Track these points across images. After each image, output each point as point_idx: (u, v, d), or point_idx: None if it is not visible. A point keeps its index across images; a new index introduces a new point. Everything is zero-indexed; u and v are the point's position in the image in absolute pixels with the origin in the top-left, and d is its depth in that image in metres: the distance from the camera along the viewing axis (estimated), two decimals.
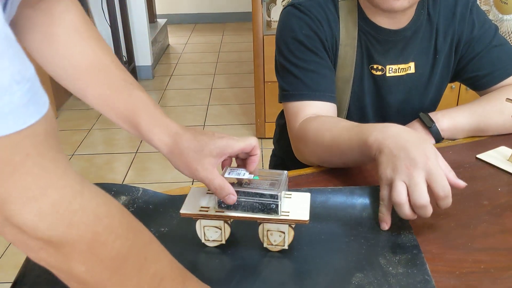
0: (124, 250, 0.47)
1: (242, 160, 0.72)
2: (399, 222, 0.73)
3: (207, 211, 0.68)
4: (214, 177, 0.65)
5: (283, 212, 0.66)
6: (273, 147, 1.36)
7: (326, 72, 0.98)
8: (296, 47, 0.98)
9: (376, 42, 1.00)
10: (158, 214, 0.76)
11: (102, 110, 0.71)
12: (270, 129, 2.63)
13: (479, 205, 0.78)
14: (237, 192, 0.65)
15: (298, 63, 0.98)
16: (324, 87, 0.97)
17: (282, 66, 1.01)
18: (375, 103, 1.06)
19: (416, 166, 0.68)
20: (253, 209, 0.66)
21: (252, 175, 0.68)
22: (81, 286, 0.46)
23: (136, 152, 2.72)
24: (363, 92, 1.04)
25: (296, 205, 0.68)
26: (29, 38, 0.67)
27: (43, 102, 0.39)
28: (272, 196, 0.65)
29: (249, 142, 0.68)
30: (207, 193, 0.71)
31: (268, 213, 0.66)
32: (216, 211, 0.67)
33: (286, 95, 1.00)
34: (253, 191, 0.66)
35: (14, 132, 0.36)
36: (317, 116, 0.94)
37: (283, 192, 0.66)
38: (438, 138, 0.96)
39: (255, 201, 0.66)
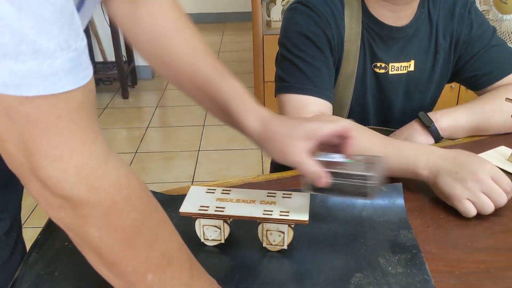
0: (138, 223, 0.48)
1: (333, 147, 0.67)
2: (398, 222, 0.73)
3: (206, 210, 0.67)
4: (305, 160, 0.63)
5: (282, 212, 0.66)
6: None
7: (328, 71, 0.98)
8: (302, 42, 0.97)
9: (378, 39, 1.00)
10: None
11: (194, 97, 0.73)
12: None
13: None
14: (330, 173, 0.62)
15: (303, 57, 0.96)
16: (326, 85, 0.96)
17: (285, 57, 0.99)
18: (377, 101, 1.06)
19: (480, 173, 0.73)
20: (346, 192, 0.64)
21: (346, 159, 0.65)
22: (93, 253, 0.48)
23: (135, 152, 2.72)
24: (365, 89, 1.04)
25: (296, 205, 0.68)
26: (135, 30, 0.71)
27: (84, 75, 0.42)
28: (367, 178, 0.62)
29: (342, 123, 0.64)
30: (207, 192, 0.71)
31: (361, 196, 0.63)
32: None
33: (287, 86, 0.96)
34: (347, 172, 0.63)
35: (50, 94, 0.39)
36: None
37: (378, 176, 0.63)
38: (437, 137, 0.96)
39: (348, 183, 0.63)
